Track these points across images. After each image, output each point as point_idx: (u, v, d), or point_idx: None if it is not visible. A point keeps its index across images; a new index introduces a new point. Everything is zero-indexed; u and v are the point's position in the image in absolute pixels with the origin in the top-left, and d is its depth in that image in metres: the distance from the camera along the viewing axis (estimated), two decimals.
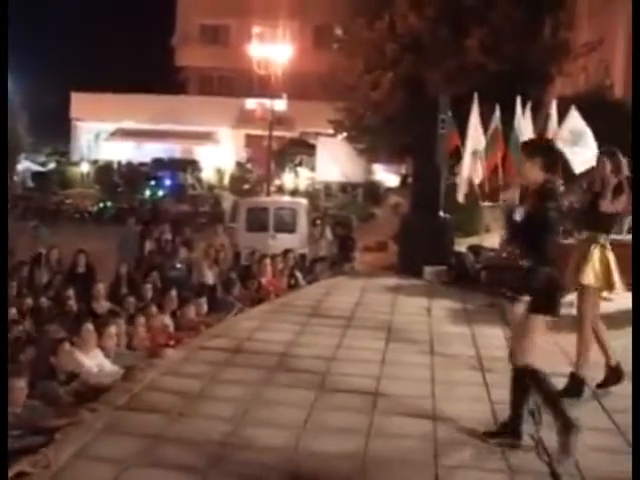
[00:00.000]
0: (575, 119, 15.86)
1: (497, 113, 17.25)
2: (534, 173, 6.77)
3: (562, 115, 16.29)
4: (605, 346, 8.24)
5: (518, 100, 16.90)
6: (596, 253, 8.13)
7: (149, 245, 18.14)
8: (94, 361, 9.27)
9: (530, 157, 6.84)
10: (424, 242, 15.85)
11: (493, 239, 17.34)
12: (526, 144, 7.31)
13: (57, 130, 60.32)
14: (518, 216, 6.70)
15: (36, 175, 52.73)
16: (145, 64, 61.70)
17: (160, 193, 43.10)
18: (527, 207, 6.72)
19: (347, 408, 7.68)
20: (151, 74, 57.98)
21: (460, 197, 17.13)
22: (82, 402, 7.78)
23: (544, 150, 6.98)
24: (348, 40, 34.50)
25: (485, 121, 17.43)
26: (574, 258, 8.25)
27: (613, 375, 8.22)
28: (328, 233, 20.81)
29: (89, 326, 9.63)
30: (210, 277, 15.32)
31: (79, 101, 54.11)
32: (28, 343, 9.53)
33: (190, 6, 55.73)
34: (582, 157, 14.80)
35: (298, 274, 15.93)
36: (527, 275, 6.74)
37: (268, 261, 15.46)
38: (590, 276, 8.08)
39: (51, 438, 6.71)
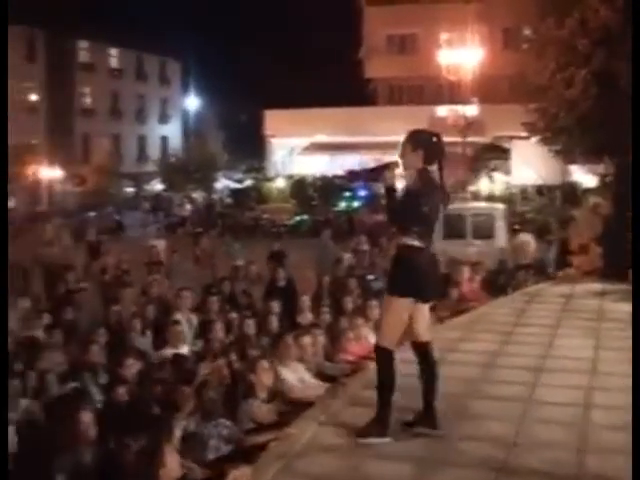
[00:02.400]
0: None
1: None
2: (415, 162, 6.86)
3: None
4: None
5: None
6: None
7: (346, 256, 18.12)
8: (295, 375, 9.27)
9: (414, 148, 6.91)
10: (629, 244, 15.09)
11: None
12: (411, 135, 7.14)
13: (252, 147, 62.22)
14: (396, 197, 6.82)
15: (234, 192, 54.41)
16: (334, 78, 62.81)
17: (355, 204, 43.40)
18: (402, 191, 6.84)
19: (555, 421, 7.34)
20: (340, 87, 58.93)
21: None
22: (285, 417, 7.77)
23: (427, 143, 6.98)
24: (537, 40, 33.79)
25: None
26: None
27: None
28: (531, 239, 19.63)
29: (289, 339, 9.66)
30: None
31: (272, 118, 55.41)
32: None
33: (377, 18, 56.15)
34: None
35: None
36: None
37: (467, 269, 15.14)
38: None
39: (257, 455, 6.73)
